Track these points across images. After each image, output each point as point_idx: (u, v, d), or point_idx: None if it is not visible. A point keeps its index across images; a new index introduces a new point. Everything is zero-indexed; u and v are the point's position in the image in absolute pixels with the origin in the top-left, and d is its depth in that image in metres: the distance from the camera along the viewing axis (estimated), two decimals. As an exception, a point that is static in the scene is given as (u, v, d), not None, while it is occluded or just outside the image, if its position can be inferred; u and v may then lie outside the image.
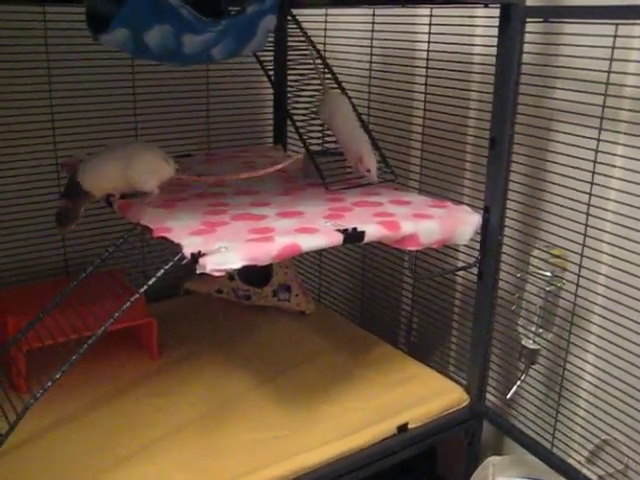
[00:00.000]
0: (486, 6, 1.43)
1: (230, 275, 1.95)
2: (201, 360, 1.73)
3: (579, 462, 1.48)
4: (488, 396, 1.63)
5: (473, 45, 1.58)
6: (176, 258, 1.14)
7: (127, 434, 1.43)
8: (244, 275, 1.95)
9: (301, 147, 1.99)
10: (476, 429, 1.63)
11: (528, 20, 1.32)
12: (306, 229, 1.25)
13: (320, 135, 1.88)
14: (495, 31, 1.38)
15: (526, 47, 1.35)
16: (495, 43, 1.38)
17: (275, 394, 1.59)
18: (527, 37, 1.35)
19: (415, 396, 1.59)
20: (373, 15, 1.75)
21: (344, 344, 1.83)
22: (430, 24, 1.60)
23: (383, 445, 1.47)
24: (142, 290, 1.14)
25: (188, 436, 1.44)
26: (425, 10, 1.70)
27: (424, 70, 1.67)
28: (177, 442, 1.42)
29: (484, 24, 1.57)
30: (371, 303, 2.03)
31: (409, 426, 1.51)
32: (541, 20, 1.33)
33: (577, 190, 1.35)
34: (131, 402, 1.55)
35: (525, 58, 1.36)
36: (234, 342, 1.83)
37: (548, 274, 1.43)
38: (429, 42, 1.62)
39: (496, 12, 1.37)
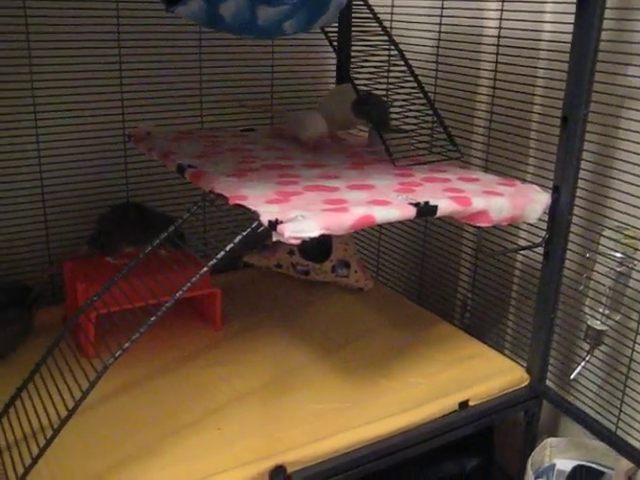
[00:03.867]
0: (563, -18, 1.41)
1: (290, 250, 1.96)
2: (262, 332, 1.75)
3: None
4: (548, 376, 1.62)
5: (544, 22, 1.56)
6: (253, 225, 1.15)
7: (191, 401, 1.46)
8: (304, 250, 1.96)
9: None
10: (536, 409, 1.62)
11: (609, -4, 1.30)
12: (379, 201, 1.26)
13: (383, 112, 1.88)
14: (567, 7, 1.36)
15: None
16: (568, 20, 1.36)
17: (336, 367, 1.61)
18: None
19: (475, 374, 1.59)
20: (443, -8, 1.74)
21: (402, 321, 1.84)
22: (503, 1, 1.58)
23: (444, 420, 1.47)
24: (219, 256, 1.15)
25: (251, 404, 1.46)
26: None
27: (492, 48, 1.66)
28: (241, 410, 1.44)
29: (554, 0, 1.55)
30: (429, 281, 2.03)
31: (470, 403, 1.51)
32: (624, -4, 1.31)
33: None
34: (195, 370, 1.58)
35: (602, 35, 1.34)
36: (293, 315, 1.85)
37: (619, 255, 1.41)
38: (500, 19, 1.60)
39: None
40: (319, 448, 1.34)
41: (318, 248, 1.93)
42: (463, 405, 1.50)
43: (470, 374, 1.59)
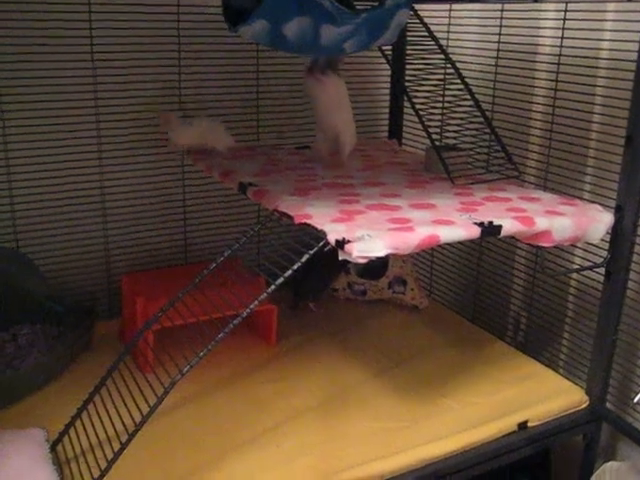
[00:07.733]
0: (630, 0, 1.40)
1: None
2: (317, 349, 1.76)
3: None
4: (607, 397, 1.59)
5: (604, 40, 1.55)
6: (320, 244, 1.16)
7: (249, 417, 1.47)
8: (360, 268, 1.96)
9: (416, 142, 2.01)
10: (595, 432, 1.60)
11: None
12: (443, 221, 1.26)
13: (438, 130, 1.88)
14: (630, 25, 1.35)
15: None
16: (632, 38, 1.35)
17: (393, 385, 1.61)
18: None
19: (534, 395, 1.57)
20: (502, 10, 1.74)
21: (458, 340, 1.83)
22: (565, 19, 1.58)
23: (504, 441, 1.46)
24: (287, 274, 1.16)
25: (309, 421, 1.47)
26: (551, 5, 1.68)
27: (550, 66, 1.65)
28: (299, 427, 1.45)
29: (616, 19, 1.54)
30: (482, 299, 2.02)
31: (529, 424, 1.49)
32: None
33: None
34: (251, 386, 1.59)
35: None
36: (347, 332, 1.85)
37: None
38: (562, 38, 1.59)
39: (633, 6, 1.34)
40: (378, 467, 1.33)
41: (375, 266, 1.93)
42: (522, 426, 1.49)
43: (528, 394, 1.58)
